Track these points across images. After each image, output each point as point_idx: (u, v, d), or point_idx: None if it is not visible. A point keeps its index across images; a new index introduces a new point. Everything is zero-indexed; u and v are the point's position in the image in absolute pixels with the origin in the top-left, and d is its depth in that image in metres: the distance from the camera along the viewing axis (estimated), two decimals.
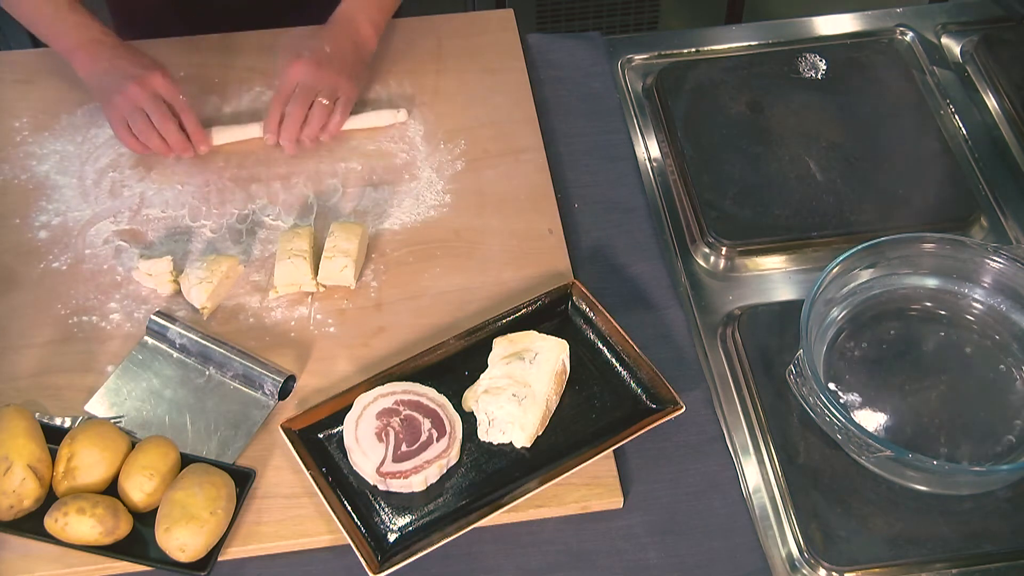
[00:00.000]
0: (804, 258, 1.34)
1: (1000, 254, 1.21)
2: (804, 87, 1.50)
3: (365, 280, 1.30)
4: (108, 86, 1.36)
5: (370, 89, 1.50)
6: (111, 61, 1.36)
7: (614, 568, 1.09)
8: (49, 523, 1.06)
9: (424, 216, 1.36)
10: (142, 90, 1.34)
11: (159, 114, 1.35)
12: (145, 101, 1.34)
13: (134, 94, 1.34)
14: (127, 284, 1.30)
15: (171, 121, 1.36)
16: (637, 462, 1.16)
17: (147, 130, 1.35)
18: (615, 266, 1.32)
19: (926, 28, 1.60)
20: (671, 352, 1.24)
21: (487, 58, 1.53)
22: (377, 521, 1.10)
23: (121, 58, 1.37)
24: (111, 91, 1.36)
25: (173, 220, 1.36)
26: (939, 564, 1.09)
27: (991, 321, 1.23)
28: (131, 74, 1.35)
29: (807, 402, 1.12)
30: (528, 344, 1.17)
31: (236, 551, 1.10)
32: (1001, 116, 1.49)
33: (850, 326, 1.24)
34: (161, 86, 1.35)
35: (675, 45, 1.60)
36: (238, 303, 1.28)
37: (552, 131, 1.46)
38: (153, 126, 1.35)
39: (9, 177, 1.41)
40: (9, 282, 1.30)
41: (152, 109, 1.35)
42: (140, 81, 1.34)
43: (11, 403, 1.14)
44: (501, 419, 1.13)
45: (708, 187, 1.38)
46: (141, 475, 1.09)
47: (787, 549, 1.11)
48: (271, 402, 1.18)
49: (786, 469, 1.14)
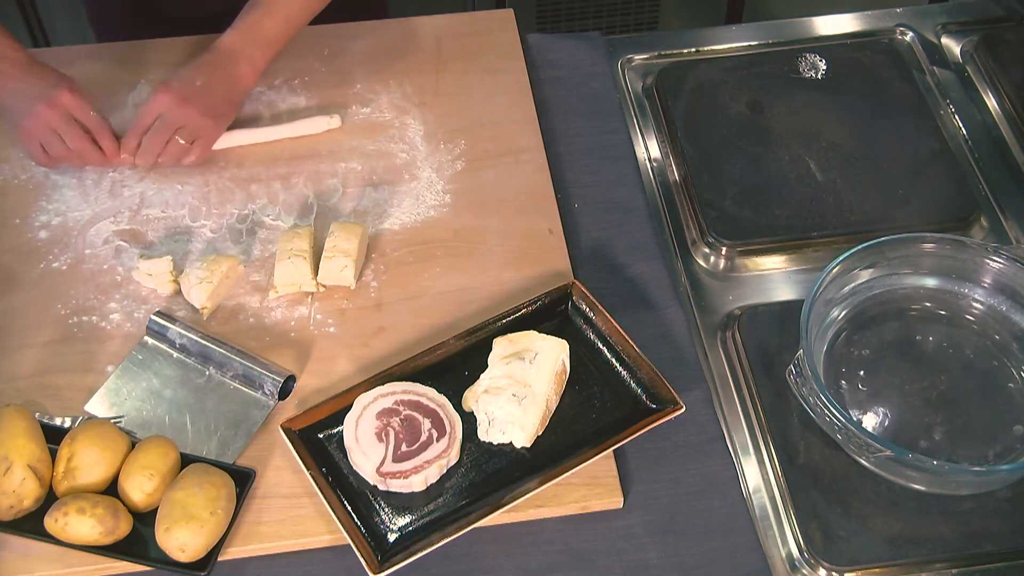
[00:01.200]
0: (804, 258, 1.34)
1: (1000, 254, 1.21)
2: (804, 87, 1.50)
3: (365, 280, 1.30)
4: (18, 108, 1.35)
5: (370, 89, 1.50)
6: (19, 80, 1.34)
7: (614, 568, 1.09)
8: (49, 523, 1.06)
9: (424, 216, 1.36)
10: (52, 111, 1.33)
11: (71, 134, 1.34)
12: (56, 122, 1.33)
13: (45, 116, 1.33)
14: (127, 284, 1.30)
15: (83, 139, 1.35)
16: (637, 462, 1.16)
17: (62, 151, 1.35)
18: (615, 266, 1.32)
19: (926, 28, 1.60)
20: (671, 352, 1.24)
21: (487, 58, 1.53)
22: (377, 521, 1.10)
23: (28, 76, 1.34)
24: (21, 114, 1.34)
25: (173, 220, 1.36)
26: (939, 564, 1.09)
27: (991, 321, 1.23)
28: (39, 95, 1.33)
29: (807, 402, 1.12)
30: (528, 344, 1.17)
31: (236, 551, 1.10)
32: (1001, 116, 1.49)
33: (850, 326, 1.24)
34: (69, 104, 1.33)
35: (675, 45, 1.60)
36: (238, 303, 1.28)
37: (552, 131, 1.46)
38: (67, 146, 1.35)
39: (9, 177, 1.41)
40: (9, 282, 1.30)
41: (64, 130, 1.34)
42: (49, 102, 1.32)
43: (11, 403, 1.14)
44: (501, 419, 1.13)
45: (708, 187, 1.38)
46: (141, 475, 1.09)
47: (787, 549, 1.11)
48: (271, 402, 1.18)
49: (786, 469, 1.14)
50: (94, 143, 1.36)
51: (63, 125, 1.34)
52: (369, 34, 1.57)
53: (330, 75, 1.51)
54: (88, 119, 1.35)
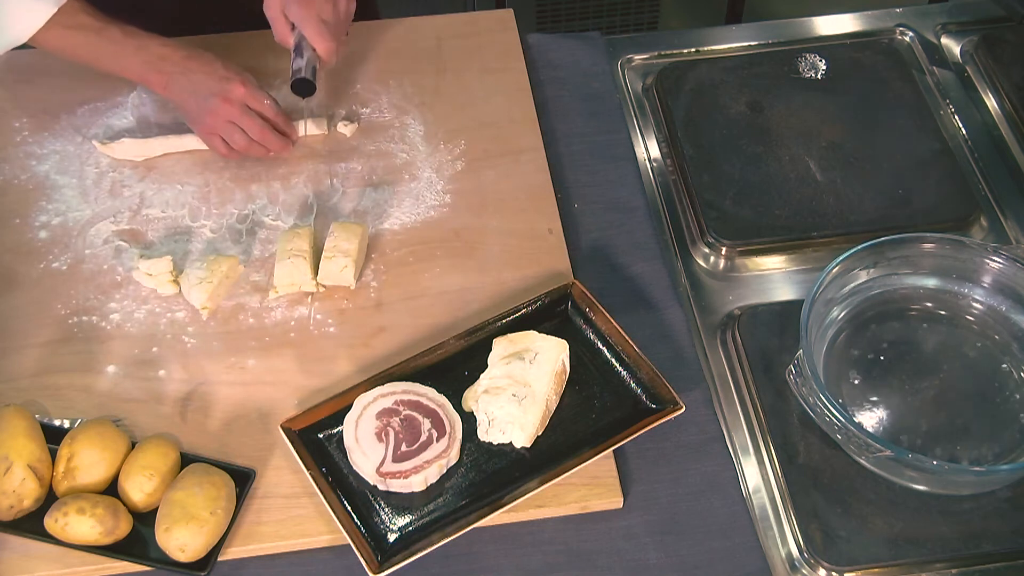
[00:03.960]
0: (804, 258, 1.34)
1: (1000, 254, 1.21)
2: (804, 87, 1.50)
3: (365, 280, 1.30)
4: (195, 108, 1.35)
5: (370, 89, 1.50)
6: (186, 76, 1.34)
7: (614, 568, 1.09)
8: (49, 523, 1.06)
9: (424, 216, 1.36)
10: (228, 105, 1.34)
11: (252, 126, 1.35)
12: (235, 116, 1.34)
13: (223, 111, 1.34)
14: (127, 284, 1.30)
15: (266, 130, 1.36)
16: (637, 462, 1.16)
17: (246, 144, 1.36)
18: (615, 266, 1.32)
19: (926, 28, 1.60)
20: (671, 352, 1.24)
21: (487, 58, 1.53)
22: (377, 521, 1.10)
23: (194, 71, 1.35)
24: (199, 112, 1.35)
25: (173, 220, 1.36)
26: (939, 564, 1.09)
27: (991, 321, 1.23)
28: (213, 90, 1.34)
29: (807, 402, 1.12)
30: (528, 344, 1.17)
31: (236, 551, 1.10)
32: (1001, 116, 1.49)
33: (850, 326, 1.24)
34: (244, 96, 1.34)
35: (675, 45, 1.60)
36: (238, 303, 1.28)
37: (552, 131, 1.46)
38: (250, 137, 1.36)
39: (9, 177, 1.41)
40: (9, 282, 1.30)
41: (246, 124, 1.35)
42: (224, 96, 1.33)
43: (11, 403, 1.14)
44: (501, 419, 1.13)
45: (708, 187, 1.38)
46: (141, 475, 1.09)
47: (787, 549, 1.11)
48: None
49: (786, 469, 1.14)
50: (275, 130, 1.37)
51: (243, 118, 1.35)
52: (369, 34, 1.57)
53: (330, 75, 1.51)
54: (264, 108, 1.36)
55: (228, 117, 1.34)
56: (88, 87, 1.40)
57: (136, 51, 1.35)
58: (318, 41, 1.32)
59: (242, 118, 1.35)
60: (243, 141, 1.36)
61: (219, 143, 1.37)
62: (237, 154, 1.38)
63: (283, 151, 1.40)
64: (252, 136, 1.36)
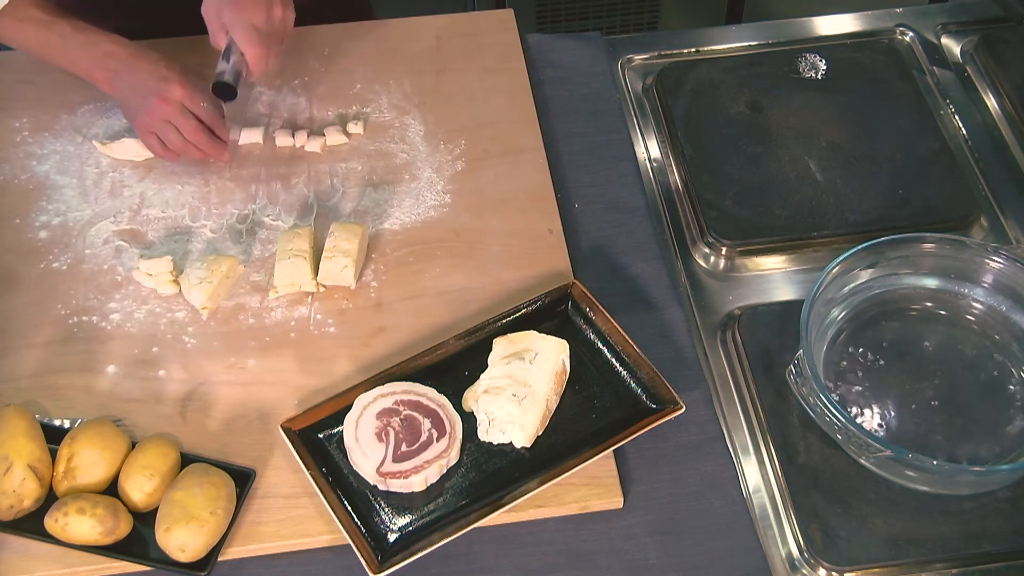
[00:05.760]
0: (804, 258, 1.34)
1: (1000, 254, 1.22)
2: (804, 87, 1.50)
3: (365, 280, 1.30)
4: (134, 105, 1.36)
5: (370, 89, 1.50)
6: (130, 74, 1.35)
7: (614, 568, 1.09)
8: (49, 523, 1.06)
9: (424, 216, 1.36)
10: (165, 104, 1.33)
11: (186, 127, 1.35)
12: (172, 115, 1.34)
13: (160, 110, 1.34)
14: (127, 284, 1.30)
15: (199, 131, 1.35)
16: (637, 462, 1.16)
17: (181, 144, 1.36)
18: (615, 266, 1.32)
19: (926, 28, 1.60)
20: (671, 352, 1.24)
21: (487, 58, 1.53)
22: (377, 521, 1.10)
23: (138, 70, 1.35)
24: (137, 110, 1.35)
25: (173, 220, 1.36)
26: (939, 564, 1.09)
27: (991, 321, 1.23)
28: (152, 89, 1.34)
29: (807, 402, 1.12)
30: (528, 344, 1.17)
31: (236, 551, 1.10)
32: (1001, 116, 1.49)
33: (850, 326, 1.24)
34: (181, 96, 1.34)
35: (675, 45, 1.60)
36: (238, 303, 1.28)
37: (552, 131, 1.46)
38: (184, 137, 1.36)
39: (9, 177, 1.41)
40: (9, 282, 1.30)
41: (181, 124, 1.35)
42: (161, 95, 1.33)
43: (11, 403, 1.14)
44: (501, 419, 1.13)
45: (708, 187, 1.39)
46: (141, 475, 1.09)
47: (787, 549, 1.11)
48: None
49: (786, 469, 1.14)
50: (210, 133, 1.37)
51: (179, 118, 1.34)
52: (369, 34, 1.57)
53: (330, 75, 1.51)
54: (200, 111, 1.36)
55: (165, 116, 1.34)
56: (88, 87, 1.40)
57: (83, 47, 1.35)
58: (247, 46, 1.32)
59: (178, 118, 1.34)
60: (178, 141, 1.36)
61: (155, 142, 1.37)
62: (173, 154, 1.38)
63: (218, 156, 1.39)
64: (187, 137, 1.35)
